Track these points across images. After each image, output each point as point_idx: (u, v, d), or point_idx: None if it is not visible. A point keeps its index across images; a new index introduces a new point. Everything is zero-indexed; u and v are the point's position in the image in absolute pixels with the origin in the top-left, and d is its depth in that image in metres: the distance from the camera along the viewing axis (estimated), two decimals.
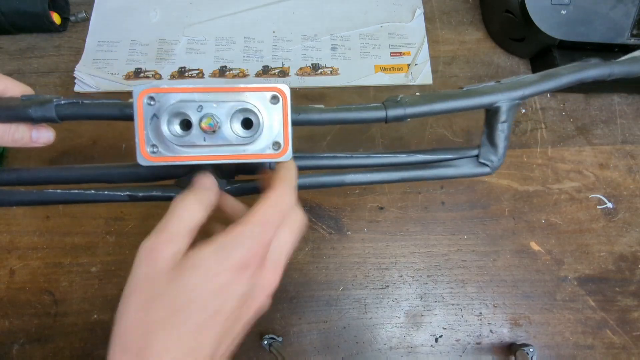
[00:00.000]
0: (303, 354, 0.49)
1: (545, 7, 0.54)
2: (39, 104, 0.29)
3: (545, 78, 0.34)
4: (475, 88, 0.34)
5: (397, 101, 0.32)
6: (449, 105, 0.33)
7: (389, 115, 0.31)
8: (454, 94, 0.33)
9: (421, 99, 0.33)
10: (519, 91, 0.34)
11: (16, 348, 0.48)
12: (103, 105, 0.29)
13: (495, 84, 0.35)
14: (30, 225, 0.52)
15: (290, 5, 0.66)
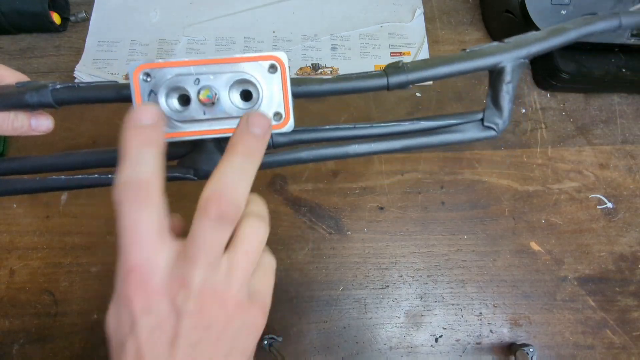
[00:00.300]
0: (303, 354, 0.49)
1: (545, 7, 0.54)
2: (35, 89, 0.28)
3: (552, 34, 0.33)
4: (478, 49, 0.33)
5: (399, 67, 0.31)
6: (452, 68, 0.32)
7: (390, 82, 0.30)
8: (457, 56, 0.32)
9: (423, 63, 0.31)
10: (524, 49, 0.32)
11: (16, 348, 0.48)
12: (99, 88, 0.29)
13: (499, 43, 0.33)
14: (30, 225, 0.52)
15: (290, 5, 0.66)
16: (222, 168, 0.23)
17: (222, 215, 0.22)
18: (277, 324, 0.49)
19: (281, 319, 0.50)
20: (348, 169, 0.56)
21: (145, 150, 0.22)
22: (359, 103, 0.60)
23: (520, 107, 0.60)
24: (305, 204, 0.54)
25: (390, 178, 0.56)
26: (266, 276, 0.26)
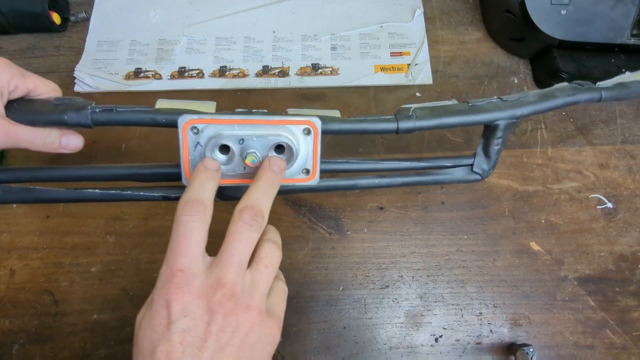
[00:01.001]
0: (303, 354, 0.49)
1: (545, 7, 0.54)
2: (75, 110, 0.30)
3: (543, 99, 0.37)
4: (480, 104, 0.37)
5: (409, 115, 0.35)
6: (455, 120, 0.36)
7: (400, 127, 0.34)
8: (461, 109, 0.36)
9: (430, 112, 0.35)
10: (518, 110, 0.37)
11: (16, 348, 0.48)
12: (136, 112, 0.31)
13: (497, 100, 0.37)
14: (30, 225, 0.52)
15: (290, 5, 0.66)
16: (251, 190, 0.28)
17: (253, 219, 0.27)
18: None
19: None
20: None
21: (208, 182, 0.28)
22: (360, 103, 0.60)
23: None
24: (305, 204, 0.54)
25: None
26: (279, 298, 0.31)
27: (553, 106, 0.38)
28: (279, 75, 0.61)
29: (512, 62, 0.63)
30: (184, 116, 0.28)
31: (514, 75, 0.62)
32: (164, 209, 0.53)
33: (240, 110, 0.31)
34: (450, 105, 0.37)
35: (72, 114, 0.30)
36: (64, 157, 0.56)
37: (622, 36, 0.55)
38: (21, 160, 0.55)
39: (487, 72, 0.62)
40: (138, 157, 0.56)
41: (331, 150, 0.57)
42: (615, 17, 0.55)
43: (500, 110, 0.36)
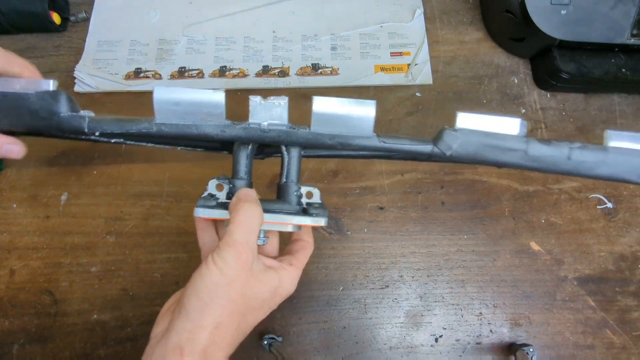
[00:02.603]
0: (303, 354, 0.49)
1: (545, 7, 0.54)
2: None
3: (614, 169, 0.32)
4: (541, 154, 0.31)
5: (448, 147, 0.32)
6: (501, 159, 0.32)
7: (433, 152, 0.33)
8: (514, 153, 0.31)
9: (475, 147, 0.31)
10: (577, 170, 0.31)
11: (16, 348, 0.48)
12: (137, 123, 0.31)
13: (564, 154, 0.32)
14: (30, 225, 0.52)
15: (290, 5, 0.66)
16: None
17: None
18: (277, 324, 0.49)
19: (281, 319, 0.50)
20: (348, 168, 0.56)
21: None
22: None
23: (520, 107, 0.60)
24: None
25: (390, 178, 0.56)
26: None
27: (619, 180, 0.32)
28: (279, 75, 0.61)
29: (512, 62, 0.63)
30: (199, 211, 0.31)
31: (514, 75, 0.62)
32: (164, 209, 0.53)
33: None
34: (506, 138, 0.31)
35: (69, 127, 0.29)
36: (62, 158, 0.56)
37: (622, 36, 0.55)
38: (21, 160, 0.55)
39: (487, 72, 0.62)
40: (138, 157, 0.56)
41: None
42: (615, 17, 0.55)
43: (557, 167, 0.31)
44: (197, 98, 0.29)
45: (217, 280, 0.27)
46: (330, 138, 0.31)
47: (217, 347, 0.27)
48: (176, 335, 0.26)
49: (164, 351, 0.26)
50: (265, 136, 0.31)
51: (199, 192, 0.35)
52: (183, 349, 0.25)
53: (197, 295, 0.27)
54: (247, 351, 0.48)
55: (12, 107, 0.29)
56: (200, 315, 0.27)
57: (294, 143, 0.32)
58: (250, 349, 0.48)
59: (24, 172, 0.55)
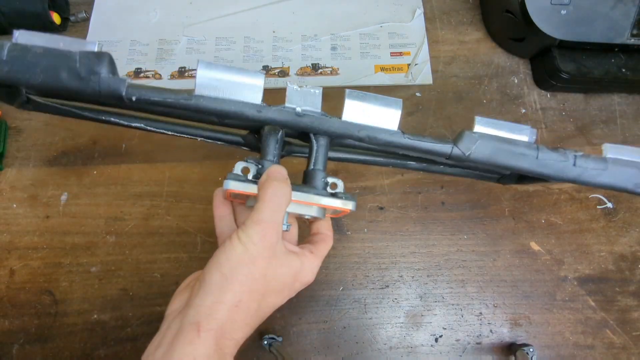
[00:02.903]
0: (303, 354, 0.49)
1: (545, 7, 0.54)
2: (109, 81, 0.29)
3: (614, 179, 0.34)
4: (550, 160, 0.34)
5: (466, 149, 0.33)
6: (513, 164, 0.33)
7: (453, 154, 0.33)
8: (526, 158, 0.33)
9: (492, 151, 0.33)
10: (581, 178, 0.34)
11: (16, 348, 0.48)
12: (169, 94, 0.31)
13: (569, 161, 0.34)
14: (30, 225, 0.52)
15: (290, 5, 0.66)
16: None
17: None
18: (277, 324, 0.49)
19: (281, 319, 0.50)
20: (348, 168, 0.56)
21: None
22: None
23: (520, 107, 0.60)
24: None
25: (390, 178, 0.56)
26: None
27: (619, 189, 0.34)
28: (279, 75, 0.61)
29: (512, 62, 0.63)
30: (229, 184, 0.30)
31: (514, 75, 0.62)
32: (164, 209, 0.53)
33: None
34: (520, 144, 0.33)
35: (106, 91, 0.29)
36: (62, 158, 0.56)
37: (622, 36, 0.55)
38: (20, 161, 0.55)
39: (487, 72, 0.62)
40: (139, 156, 0.56)
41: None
42: (615, 17, 0.55)
43: (563, 174, 0.33)
44: (237, 77, 0.30)
45: (240, 256, 0.27)
46: (359, 130, 0.32)
47: (236, 326, 0.26)
48: (194, 310, 0.26)
49: (180, 326, 0.25)
50: (299, 120, 0.31)
51: (199, 192, 0.35)
52: (200, 324, 0.25)
53: (219, 270, 0.27)
54: (247, 351, 0.48)
55: (52, 64, 0.28)
56: (220, 290, 0.26)
57: (325, 131, 0.32)
58: (250, 349, 0.48)
59: (24, 172, 0.55)
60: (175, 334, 0.25)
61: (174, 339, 0.25)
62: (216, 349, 0.25)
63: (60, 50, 0.28)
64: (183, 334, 0.25)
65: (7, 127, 0.56)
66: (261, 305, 0.29)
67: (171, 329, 0.26)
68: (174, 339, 0.25)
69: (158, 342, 0.26)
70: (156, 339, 0.27)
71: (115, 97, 0.29)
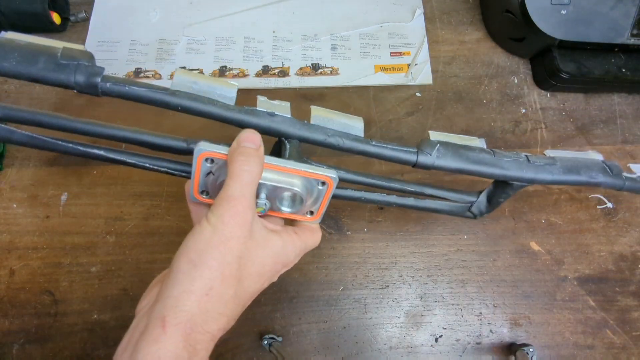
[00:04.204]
0: (303, 354, 0.49)
1: (545, 7, 0.54)
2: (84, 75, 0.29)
3: (568, 172, 0.36)
4: (506, 160, 0.36)
5: (430, 154, 0.34)
6: (476, 169, 0.35)
7: (418, 161, 0.34)
8: (485, 159, 0.35)
9: (453, 155, 0.35)
10: (539, 176, 0.36)
11: (16, 348, 0.48)
12: (149, 91, 0.31)
13: (524, 160, 0.36)
14: (30, 225, 0.52)
15: (290, 5, 0.66)
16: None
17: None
18: (277, 324, 0.49)
19: (281, 318, 0.50)
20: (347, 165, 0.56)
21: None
22: (359, 103, 0.60)
23: (520, 107, 0.60)
24: None
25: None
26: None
27: (574, 182, 0.37)
28: (279, 75, 0.61)
29: (512, 62, 0.63)
30: (201, 147, 0.28)
31: (514, 75, 0.62)
32: (164, 209, 0.53)
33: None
34: (476, 149, 0.36)
35: (81, 77, 0.29)
36: (62, 157, 0.56)
37: (622, 36, 0.55)
38: (20, 161, 0.55)
39: (487, 72, 0.62)
40: None
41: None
42: (615, 17, 0.55)
43: (522, 172, 0.35)
44: (212, 83, 0.31)
45: (209, 239, 0.24)
46: (327, 135, 0.34)
47: (209, 317, 0.23)
48: (160, 304, 0.23)
49: (147, 323, 0.23)
50: (272, 121, 0.32)
51: None
52: (165, 319, 0.22)
53: (186, 256, 0.24)
54: (247, 351, 0.48)
55: (31, 52, 0.28)
56: (188, 278, 0.23)
57: (293, 135, 0.33)
58: (250, 349, 0.48)
59: (24, 172, 0.55)
60: (142, 332, 0.23)
61: (140, 338, 0.23)
62: (185, 345, 0.22)
63: (44, 44, 0.29)
64: (148, 331, 0.22)
65: None
66: (238, 292, 0.25)
67: (138, 327, 0.24)
68: (139, 338, 0.23)
69: (126, 342, 0.24)
70: (125, 340, 0.24)
71: (90, 85, 0.29)
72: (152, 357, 0.21)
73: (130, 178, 0.55)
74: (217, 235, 0.24)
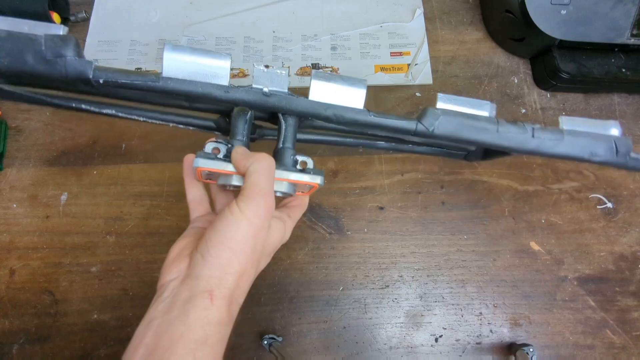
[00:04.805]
0: (303, 354, 0.49)
1: (545, 7, 0.54)
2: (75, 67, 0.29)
3: (571, 149, 0.36)
4: (509, 132, 0.35)
5: (432, 125, 0.34)
6: (478, 139, 0.34)
7: (417, 129, 0.34)
8: (488, 130, 0.34)
9: (455, 125, 0.34)
10: (540, 149, 0.35)
11: (16, 348, 0.48)
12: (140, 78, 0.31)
13: (528, 133, 0.35)
14: (30, 225, 0.52)
15: (290, 5, 0.66)
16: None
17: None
18: (277, 324, 0.49)
19: (281, 319, 0.50)
20: (348, 168, 0.56)
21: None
22: None
23: (520, 107, 0.60)
24: None
25: (390, 178, 0.56)
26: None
27: (575, 158, 0.37)
28: None
29: (512, 62, 0.63)
30: (199, 162, 0.30)
31: (514, 75, 0.62)
32: (164, 209, 0.53)
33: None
34: (481, 119, 0.35)
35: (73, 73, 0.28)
36: (62, 157, 0.56)
37: (622, 36, 0.55)
38: (20, 161, 0.55)
39: (487, 72, 0.62)
40: (138, 156, 0.56)
41: (331, 149, 0.57)
42: (615, 17, 0.55)
43: (523, 144, 0.34)
44: (204, 59, 0.31)
45: (245, 231, 0.28)
46: (326, 108, 0.33)
47: (241, 292, 0.29)
48: (204, 281, 0.28)
49: (191, 295, 0.27)
50: (267, 100, 0.32)
51: None
52: (213, 292, 0.27)
53: (226, 245, 0.28)
54: (247, 351, 0.48)
55: (17, 47, 0.28)
56: (228, 263, 0.28)
57: (292, 111, 0.33)
58: (250, 349, 0.48)
59: (24, 172, 0.55)
60: (187, 301, 0.27)
61: (187, 305, 0.27)
62: (227, 314, 0.28)
63: (25, 34, 0.28)
64: (196, 300, 0.27)
65: (7, 127, 0.56)
66: (257, 270, 0.31)
67: (179, 296, 0.28)
68: (186, 305, 0.27)
69: (166, 307, 0.27)
70: (160, 305, 0.28)
71: (83, 80, 0.29)
72: (203, 321, 0.26)
73: (130, 178, 0.55)
74: (253, 228, 0.28)
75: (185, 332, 0.26)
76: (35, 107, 0.58)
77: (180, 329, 0.26)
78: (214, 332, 0.27)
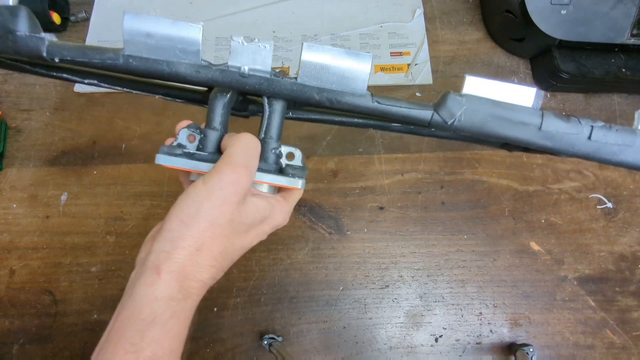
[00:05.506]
0: (303, 354, 0.49)
1: (545, 7, 0.54)
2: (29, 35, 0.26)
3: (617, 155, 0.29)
4: (558, 132, 0.27)
5: (451, 116, 0.27)
6: (508, 134, 0.27)
7: (433, 121, 0.27)
8: (527, 128, 0.28)
9: (481, 121, 0.27)
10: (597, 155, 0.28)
11: (16, 348, 0.48)
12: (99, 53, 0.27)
13: (584, 135, 0.28)
14: (30, 225, 0.52)
15: (290, 5, 0.66)
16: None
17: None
18: (277, 324, 0.49)
19: (281, 319, 0.50)
20: (348, 168, 0.56)
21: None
22: None
23: None
24: (305, 204, 0.54)
25: (390, 178, 0.56)
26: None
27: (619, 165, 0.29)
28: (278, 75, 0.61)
29: (512, 62, 0.63)
30: (160, 158, 0.27)
31: (514, 75, 0.62)
32: (164, 209, 0.53)
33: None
34: (520, 110, 0.27)
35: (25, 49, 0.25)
36: (62, 157, 0.56)
37: (622, 36, 0.55)
38: (20, 161, 0.55)
39: (487, 72, 0.62)
40: (138, 156, 0.56)
41: (331, 149, 0.57)
42: (615, 17, 0.55)
43: (575, 148, 0.27)
44: (171, 31, 0.26)
45: (202, 202, 0.26)
46: (319, 92, 0.27)
47: (199, 268, 0.26)
48: (154, 256, 0.26)
49: (141, 271, 0.26)
50: (245, 82, 0.27)
51: None
52: (160, 268, 0.25)
53: (177, 217, 0.26)
54: (247, 351, 0.48)
55: None
56: (180, 237, 0.26)
57: (277, 94, 0.28)
58: (250, 349, 0.48)
59: (24, 172, 0.55)
60: (137, 278, 0.26)
61: (136, 282, 0.26)
62: (179, 289, 0.26)
63: None
64: (144, 277, 0.25)
65: (7, 127, 0.56)
66: (227, 249, 0.28)
67: (134, 274, 0.27)
68: (135, 283, 0.26)
69: (126, 289, 0.27)
70: (126, 287, 0.27)
71: (37, 57, 0.26)
72: (149, 297, 0.25)
73: (130, 178, 0.55)
74: (212, 199, 0.26)
75: (134, 312, 0.24)
76: (36, 107, 0.58)
77: (130, 309, 0.25)
78: (163, 309, 0.25)
